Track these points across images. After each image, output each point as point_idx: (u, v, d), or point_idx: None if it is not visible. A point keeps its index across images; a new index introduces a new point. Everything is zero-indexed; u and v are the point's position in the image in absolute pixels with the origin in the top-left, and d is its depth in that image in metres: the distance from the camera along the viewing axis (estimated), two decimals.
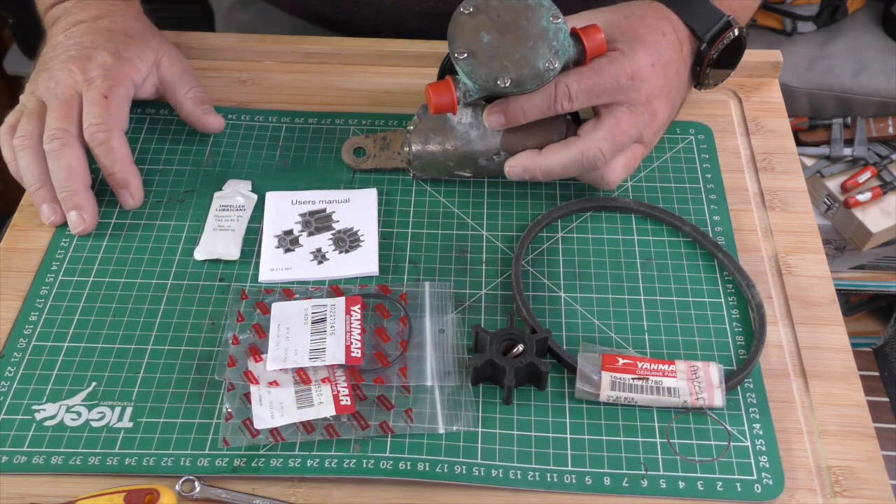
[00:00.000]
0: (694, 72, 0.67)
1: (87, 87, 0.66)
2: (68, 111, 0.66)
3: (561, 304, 0.62)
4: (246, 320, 0.61)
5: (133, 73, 0.69)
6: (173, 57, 0.72)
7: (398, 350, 0.59)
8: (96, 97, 0.66)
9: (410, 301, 0.62)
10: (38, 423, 0.56)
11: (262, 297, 0.62)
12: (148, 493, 0.52)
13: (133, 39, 0.71)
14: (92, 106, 0.66)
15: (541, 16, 0.61)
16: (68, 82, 0.67)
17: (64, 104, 0.66)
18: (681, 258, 0.65)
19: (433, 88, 0.61)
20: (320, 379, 0.57)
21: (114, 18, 0.72)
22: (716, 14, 0.66)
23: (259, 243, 0.66)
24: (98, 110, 0.65)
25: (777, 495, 0.53)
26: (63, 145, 0.64)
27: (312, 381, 0.57)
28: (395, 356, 0.59)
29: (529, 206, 0.69)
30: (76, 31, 0.70)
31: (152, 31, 0.74)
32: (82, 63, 0.67)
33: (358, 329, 0.59)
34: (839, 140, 1.52)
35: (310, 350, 0.58)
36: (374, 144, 0.71)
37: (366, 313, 0.61)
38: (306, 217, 0.67)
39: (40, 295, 0.63)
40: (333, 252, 0.65)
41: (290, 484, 0.54)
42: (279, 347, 0.58)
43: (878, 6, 1.57)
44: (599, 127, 0.63)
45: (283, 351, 0.58)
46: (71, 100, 0.66)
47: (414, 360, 0.59)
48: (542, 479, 0.54)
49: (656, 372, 0.57)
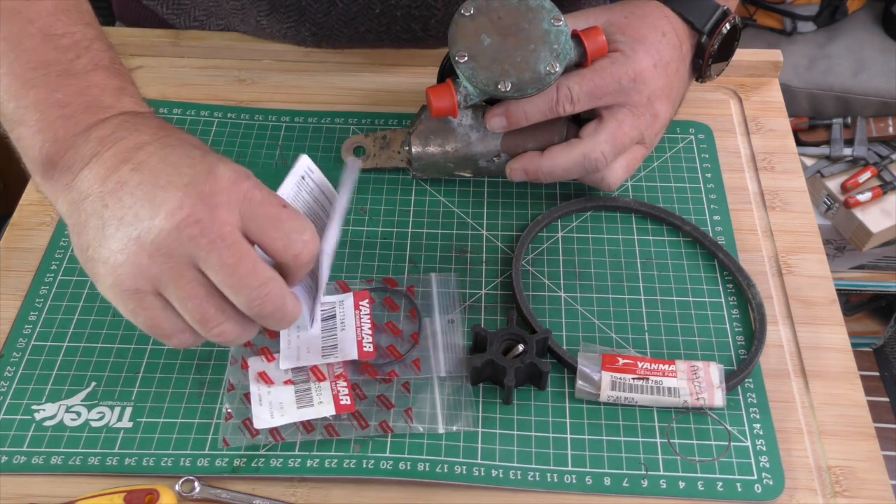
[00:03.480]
0: (695, 65, 0.67)
1: (245, 208, 0.48)
2: (251, 254, 0.48)
3: (561, 304, 0.62)
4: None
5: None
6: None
7: (409, 342, 0.59)
8: (276, 211, 0.49)
9: (417, 293, 0.62)
10: (38, 423, 0.56)
11: None
12: (148, 493, 0.52)
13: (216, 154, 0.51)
14: (284, 220, 0.49)
15: (542, 18, 0.61)
16: (219, 211, 0.47)
17: (245, 248, 0.47)
18: (681, 258, 0.65)
19: (433, 92, 0.61)
20: (334, 375, 0.57)
21: (179, 131, 0.52)
22: (711, 6, 0.66)
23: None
24: (296, 224, 0.49)
25: (777, 495, 0.53)
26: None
27: (327, 378, 0.57)
28: (407, 349, 0.59)
29: (529, 206, 0.68)
30: (145, 157, 0.48)
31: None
32: (206, 173, 0.48)
33: (368, 324, 0.59)
34: (839, 140, 1.52)
35: (322, 348, 0.58)
36: (374, 144, 0.71)
37: (374, 308, 0.61)
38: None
39: (40, 294, 0.63)
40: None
41: (290, 484, 0.54)
42: (291, 346, 0.58)
43: (878, 6, 1.57)
44: (601, 129, 0.62)
45: (295, 350, 0.58)
46: (241, 239, 0.48)
47: (426, 352, 0.59)
48: (542, 479, 0.54)
49: (656, 372, 0.57)
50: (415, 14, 0.73)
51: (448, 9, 0.73)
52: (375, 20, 0.73)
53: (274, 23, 0.76)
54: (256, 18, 0.76)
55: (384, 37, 0.75)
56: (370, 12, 0.73)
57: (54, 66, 0.51)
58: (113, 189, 0.47)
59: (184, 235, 0.46)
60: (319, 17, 0.73)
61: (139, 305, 0.48)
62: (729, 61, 0.69)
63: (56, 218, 0.67)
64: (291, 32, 0.76)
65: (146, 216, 0.46)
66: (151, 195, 0.47)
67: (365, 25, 0.74)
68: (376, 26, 0.74)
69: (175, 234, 0.46)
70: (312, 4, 0.73)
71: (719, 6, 0.66)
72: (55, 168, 0.50)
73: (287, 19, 0.75)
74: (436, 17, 0.73)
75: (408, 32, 0.75)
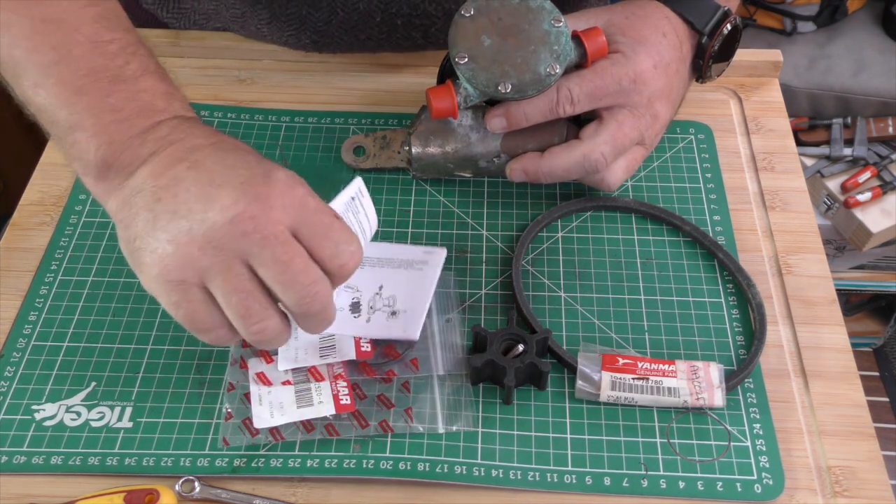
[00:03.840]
0: (695, 65, 0.67)
1: (298, 216, 0.48)
2: (302, 254, 0.49)
3: (561, 304, 0.62)
4: None
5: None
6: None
7: (407, 342, 0.59)
8: (328, 221, 0.50)
9: None
10: (38, 423, 0.56)
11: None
12: (148, 493, 0.52)
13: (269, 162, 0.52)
14: (331, 231, 0.50)
15: (542, 19, 0.61)
16: (272, 212, 0.48)
17: (297, 250, 0.48)
18: (681, 258, 0.65)
19: (433, 93, 0.61)
20: (333, 375, 0.57)
21: (234, 140, 0.53)
22: (712, 6, 0.66)
23: None
24: (340, 234, 0.50)
25: (777, 495, 0.53)
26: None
27: (326, 379, 0.57)
28: (404, 348, 0.59)
29: (529, 206, 0.69)
30: (201, 157, 0.49)
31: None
32: (261, 175, 0.49)
33: None
34: (839, 140, 1.52)
35: (319, 348, 0.58)
36: (374, 143, 0.71)
37: None
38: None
39: (40, 294, 0.63)
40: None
41: (290, 484, 0.54)
42: (289, 347, 0.58)
43: (878, 6, 1.57)
44: (601, 130, 0.62)
45: (293, 351, 0.58)
46: (292, 240, 0.49)
47: (423, 352, 0.59)
48: (542, 479, 0.54)
49: (656, 372, 0.57)
50: (415, 23, 0.73)
51: (448, 17, 0.73)
52: (376, 28, 0.73)
53: (274, 31, 0.76)
54: (257, 26, 0.76)
55: (384, 44, 0.75)
56: (371, 21, 0.73)
57: (104, 72, 0.51)
58: (167, 184, 0.48)
59: (237, 230, 0.46)
60: (320, 25, 0.73)
61: (183, 297, 0.48)
62: (730, 61, 0.69)
63: (56, 218, 0.67)
64: (292, 40, 0.76)
65: (200, 210, 0.47)
66: (206, 192, 0.47)
67: (365, 33, 0.74)
68: (377, 34, 0.74)
69: (228, 227, 0.46)
70: (313, 13, 0.73)
71: (720, 7, 0.66)
72: (110, 170, 0.50)
73: (288, 27, 0.75)
74: (436, 26, 0.73)
75: (408, 40, 0.75)
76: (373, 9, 0.72)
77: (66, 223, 0.67)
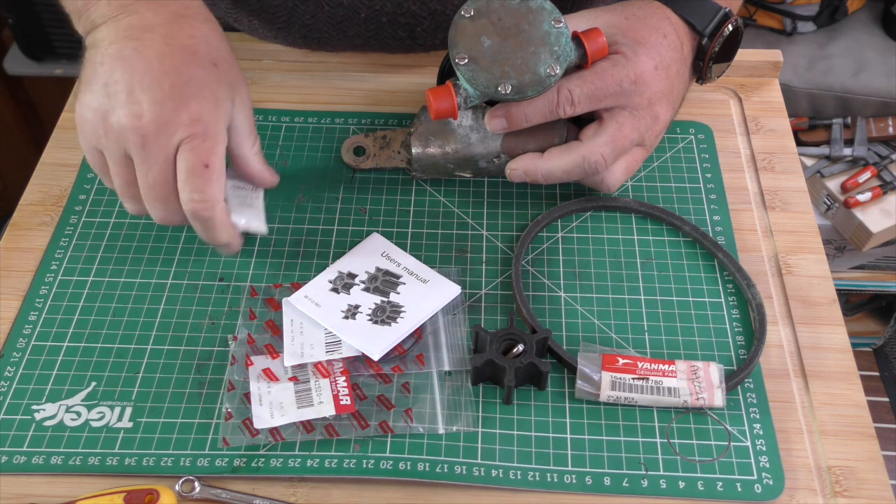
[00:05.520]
0: (696, 66, 0.67)
1: (185, 146, 0.55)
2: (166, 179, 0.56)
3: (561, 304, 0.62)
4: (258, 318, 0.61)
5: (226, 123, 0.57)
6: (245, 95, 0.59)
7: (413, 338, 0.59)
8: (196, 165, 0.54)
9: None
10: (38, 422, 0.56)
11: (271, 293, 0.62)
12: (148, 493, 0.52)
13: (219, 69, 0.57)
14: (191, 177, 0.55)
15: (542, 20, 0.61)
16: (160, 137, 0.54)
17: (161, 173, 0.55)
18: (681, 258, 0.65)
19: (433, 94, 0.61)
20: (339, 371, 0.57)
21: (192, 27, 0.57)
22: (713, 7, 0.66)
23: (257, 243, 0.66)
24: (200, 183, 0.55)
25: (777, 495, 0.53)
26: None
27: (331, 374, 0.57)
28: (409, 344, 0.59)
29: (529, 206, 0.69)
30: (150, 44, 0.55)
31: (231, 51, 0.60)
32: (176, 104, 0.54)
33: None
34: (839, 140, 1.52)
35: (325, 343, 0.58)
36: (374, 143, 0.71)
37: None
38: (379, 271, 0.63)
39: (40, 294, 0.63)
40: (365, 317, 0.60)
41: (290, 484, 0.54)
42: (294, 343, 0.58)
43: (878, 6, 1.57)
44: (602, 132, 0.62)
45: (298, 346, 0.58)
46: (166, 165, 0.55)
47: (429, 348, 0.59)
48: (542, 479, 0.54)
49: (656, 372, 0.57)
50: (400, 21, 0.73)
51: (434, 18, 0.73)
52: (362, 25, 0.74)
53: (265, 23, 0.76)
54: (248, 18, 0.77)
55: (373, 42, 0.76)
56: (356, 17, 0.73)
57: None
58: (113, 55, 0.56)
59: (135, 137, 0.54)
60: (307, 18, 0.74)
61: (89, 154, 0.58)
62: (730, 62, 0.69)
63: (56, 218, 0.67)
64: (283, 34, 0.77)
65: (121, 101, 0.54)
66: (132, 89, 0.54)
67: (353, 30, 0.74)
68: (363, 31, 0.74)
69: (128, 132, 0.54)
70: (300, 6, 0.73)
71: (721, 8, 0.66)
72: (80, 18, 0.59)
73: (276, 20, 0.75)
74: (422, 26, 0.73)
75: (395, 40, 0.75)
76: (357, 4, 0.72)
77: (66, 223, 0.67)
